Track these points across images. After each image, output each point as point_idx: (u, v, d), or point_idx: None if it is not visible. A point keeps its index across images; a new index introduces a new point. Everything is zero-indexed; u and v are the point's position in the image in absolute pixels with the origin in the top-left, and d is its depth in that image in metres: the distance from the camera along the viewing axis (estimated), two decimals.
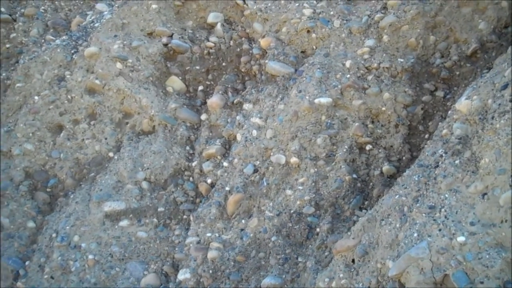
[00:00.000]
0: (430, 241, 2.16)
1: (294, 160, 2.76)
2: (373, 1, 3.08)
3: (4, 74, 3.41)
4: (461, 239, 2.13)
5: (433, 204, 2.27)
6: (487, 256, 2.08)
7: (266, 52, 3.13)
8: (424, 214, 2.25)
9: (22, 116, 3.16)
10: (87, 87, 3.18)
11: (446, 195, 2.26)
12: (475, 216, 2.17)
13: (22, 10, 3.64)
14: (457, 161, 2.33)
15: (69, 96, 3.18)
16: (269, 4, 3.21)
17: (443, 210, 2.23)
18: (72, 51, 3.28)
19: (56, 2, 3.69)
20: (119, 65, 3.15)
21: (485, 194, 2.19)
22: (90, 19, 3.45)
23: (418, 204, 2.31)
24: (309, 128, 2.80)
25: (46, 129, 3.15)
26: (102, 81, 3.15)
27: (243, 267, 2.62)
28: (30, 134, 3.13)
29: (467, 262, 2.09)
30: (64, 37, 3.39)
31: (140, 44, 3.20)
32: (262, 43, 3.14)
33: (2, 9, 3.65)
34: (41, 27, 3.60)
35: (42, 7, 3.66)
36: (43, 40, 3.53)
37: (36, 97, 3.19)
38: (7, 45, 3.55)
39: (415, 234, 2.21)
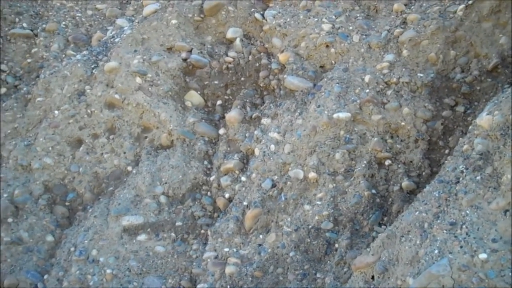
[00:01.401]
0: (451, 258, 2.14)
1: (312, 175, 2.74)
2: (393, 16, 3.07)
3: (25, 89, 3.43)
4: (483, 256, 2.10)
5: (454, 221, 2.24)
6: (510, 274, 2.05)
7: (285, 67, 3.12)
8: (445, 231, 2.22)
9: (42, 130, 3.18)
10: (107, 102, 3.19)
11: (467, 212, 2.24)
12: (497, 233, 2.14)
13: (44, 26, 3.68)
14: (478, 177, 2.31)
15: (88, 111, 3.19)
16: (288, 19, 3.21)
17: (464, 226, 2.21)
18: (92, 66, 3.30)
19: (77, 18, 3.72)
20: (138, 79, 3.16)
21: (507, 210, 2.16)
22: (111, 34, 3.48)
23: (438, 221, 2.28)
24: (327, 143, 2.78)
25: (66, 143, 3.16)
26: (122, 95, 3.16)
27: (261, 283, 2.60)
28: (50, 148, 3.14)
29: (489, 279, 2.06)
30: (84, 52, 3.42)
31: (159, 59, 3.21)
32: (281, 58, 3.13)
33: (24, 24, 3.68)
34: (62, 42, 3.62)
35: (63, 23, 3.69)
36: (63, 55, 3.55)
37: (56, 112, 3.21)
38: (28, 60, 3.59)
39: (436, 251, 2.18)
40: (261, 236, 2.72)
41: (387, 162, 2.76)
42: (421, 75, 2.89)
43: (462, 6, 2.89)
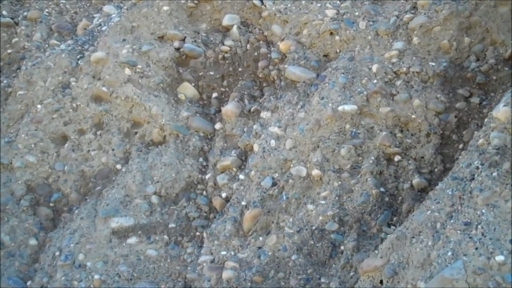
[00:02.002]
0: (466, 261, 2.14)
1: (316, 172, 2.75)
2: (402, 1, 3.07)
3: (5, 81, 3.43)
4: (499, 258, 2.10)
5: (468, 221, 2.24)
6: None
7: (286, 56, 3.12)
8: (459, 231, 2.22)
9: (24, 126, 3.18)
10: (94, 95, 3.19)
11: (483, 211, 2.24)
12: None
13: (25, 13, 3.67)
14: (494, 174, 2.31)
15: (74, 105, 3.19)
16: (289, 5, 3.21)
17: (479, 226, 2.21)
18: (78, 57, 3.29)
19: (61, 5, 3.72)
20: (127, 71, 3.16)
21: None
22: (97, 22, 3.47)
23: (452, 220, 2.28)
24: (332, 138, 2.78)
25: (50, 139, 3.16)
26: (110, 88, 3.16)
27: None
28: (32, 145, 3.14)
29: (506, 283, 2.06)
30: (69, 41, 3.41)
31: (150, 49, 3.21)
32: (281, 47, 3.13)
33: (4, 12, 3.68)
34: (45, 31, 3.62)
35: (46, 10, 3.69)
36: (46, 45, 3.55)
37: (39, 106, 3.21)
38: (9, 51, 3.58)
39: (449, 253, 2.18)
40: (260, 238, 2.72)
41: (397, 158, 2.76)
42: (433, 64, 2.89)
43: None
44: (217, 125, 3.11)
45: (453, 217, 2.30)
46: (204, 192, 2.97)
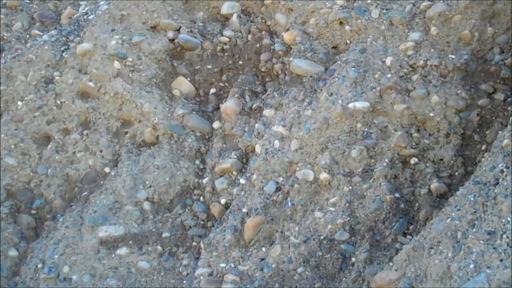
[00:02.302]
0: (490, 274, 2.13)
1: (324, 176, 2.74)
2: None
3: None
4: None
5: (492, 229, 2.24)
6: None
7: (291, 48, 3.12)
8: (482, 241, 2.22)
9: (3, 125, 3.18)
10: (80, 91, 3.19)
11: (508, 219, 2.24)
12: None
13: (4, 1, 3.67)
14: None
15: (58, 101, 3.19)
16: None
17: (504, 236, 2.21)
18: (62, 49, 3.29)
19: None
20: (117, 64, 3.16)
21: None
22: (84, 11, 3.47)
23: (474, 229, 2.28)
24: (342, 138, 2.78)
25: (31, 140, 3.16)
26: (97, 83, 3.16)
27: None
28: (13, 146, 3.14)
29: None
30: (52, 31, 3.41)
31: (141, 40, 3.21)
32: (286, 38, 3.13)
33: None
34: (26, 20, 3.62)
35: None
36: (28, 36, 3.55)
37: (19, 103, 3.21)
38: None
39: (471, 265, 2.18)
40: (263, 249, 2.73)
41: (413, 160, 2.76)
42: (453, 56, 2.88)
43: None
44: (216, 124, 3.11)
45: (475, 225, 2.30)
46: (201, 198, 2.97)
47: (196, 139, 3.08)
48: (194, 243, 2.89)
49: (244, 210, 2.82)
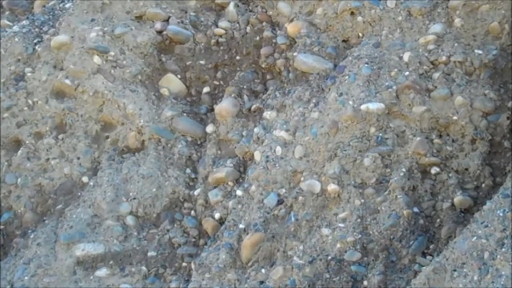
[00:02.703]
0: None
1: (332, 187, 2.74)
2: None
3: None
4: None
5: None
6: None
7: (295, 42, 3.12)
8: None
9: None
10: (54, 89, 3.19)
11: None
12: None
13: None
14: None
15: (29, 101, 3.19)
16: None
17: None
18: (35, 41, 3.29)
19: None
20: (97, 59, 3.16)
21: None
22: None
23: (503, 249, 2.28)
24: (353, 145, 2.78)
25: None
26: (75, 80, 3.16)
27: None
28: None
29: None
30: (24, 22, 3.41)
31: (125, 32, 3.21)
32: (290, 30, 3.13)
33: None
34: None
35: None
36: None
37: None
38: None
39: None
40: (263, 270, 2.72)
41: (434, 170, 2.76)
42: (480, 52, 2.88)
43: None
44: (209, 128, 3.11)
45: (504, 244, 2.29)
46: (192, 212, 2.97)
47: (187, 144, 3.08)
48: (184, 264, 2.88)
49: (241, 226, 2.81)
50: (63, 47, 3.19)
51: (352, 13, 3.06)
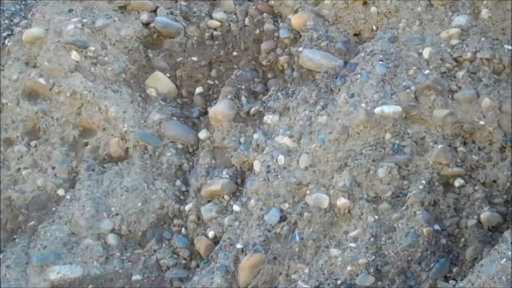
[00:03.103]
0: None
1: (342, 202, 2.74)
2: None
3: None
4: None
5: None
6: None
7: (300, 36, 3.12)
8: None
9: None
10: (27, 89, 3.20)
11: None
12: None
13: None
14: None
15: None
16: None
17: None
18: (4, 34, 3.31)
19: None
20: (75, 55, 3.17)
21: None
22: None
23: None
24: (365, 153, 2.78)
25: None
26: (49, 79, 3.17)
27: None
28: None
29: None
30: None
31: (107, 24, 3.22)
32: (294, 22, 3.14)
33: None
34: None
35: None
36: None
37: None
38: None
39: None
40: None
41: (458, 182, 2.76)
42: (510, 47, 2.88)
43: None
44: (202, 134, 3.11)
45: None
46: (183, 230, 2.98)
47: (177, 152, 3.09)
48: None
49: (239, 246, 2.81)
50: (36, 42, 3.20)
51: (365, 3, 3.07)
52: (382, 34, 3.00)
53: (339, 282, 2.66)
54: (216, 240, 2.91)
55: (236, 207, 2.90)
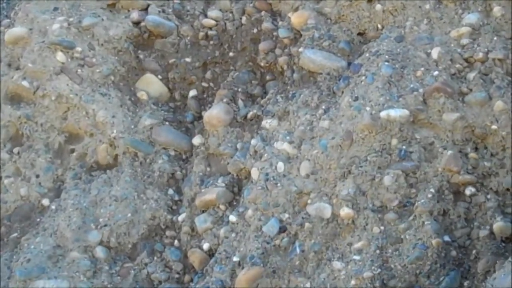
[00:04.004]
0: None
1: (346, 212, 2.75)
2: None
3: None
4: None
5: None
6: None
7: (301, 35, 3.13)
8: None
9: None
10: (9, 93, 3.21)
11: None
12: None
13: None
14: None
15: None
16: None
17: None
18: None
19: None
20: (61, 56, 3.17)
21: None
22: None
23: None
24: (371, 160, 2.79)
25: None
26: (34, 82, 3.17)
27: None
28: None
29: None
30: None
31: (95, 23, 3.23)
32: (295, 20, 3.14)
33: None
34: None
35: None
36: None
37: None
38: None
39: None
40: None
41: (469, 191, 2.76)
42: None
43: None
44: (196, 139, 3.12)
45: None
46: (176, 242, 2.98)
47: (170, 160, 3.09)
48: None
49: (235, 258, 2.81)
50: (19, 42, 3.21)
51: (369, 0, 3.07)
52: (388, 33, 3.01)
53: None
54: (211, 253, 2.91)
55: (232, 218, 2.90)
